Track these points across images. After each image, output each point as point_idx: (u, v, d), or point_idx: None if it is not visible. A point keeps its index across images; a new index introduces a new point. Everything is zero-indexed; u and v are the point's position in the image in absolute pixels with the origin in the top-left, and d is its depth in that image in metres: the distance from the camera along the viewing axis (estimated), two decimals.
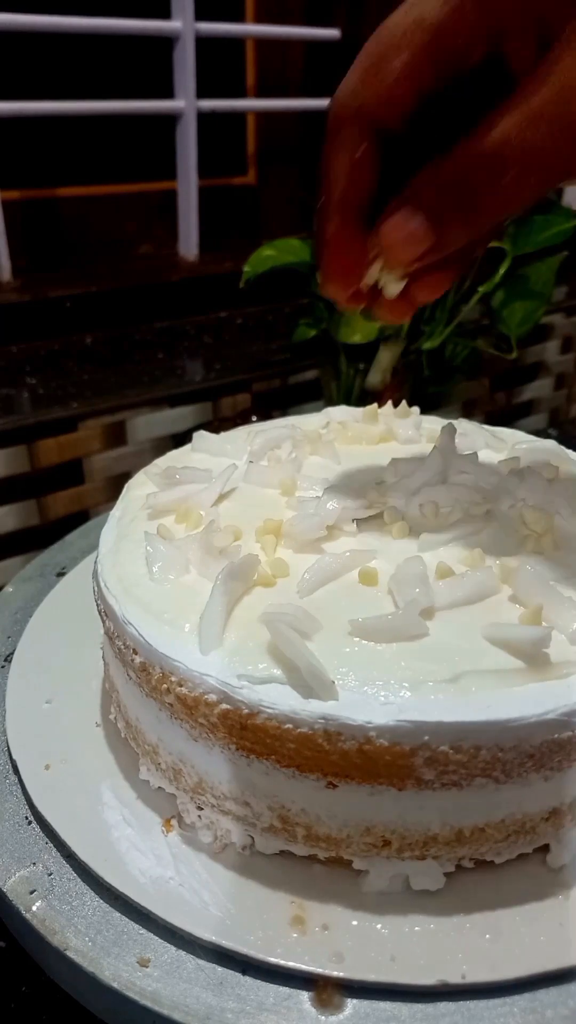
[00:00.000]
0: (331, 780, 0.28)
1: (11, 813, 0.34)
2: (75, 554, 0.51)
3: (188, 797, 0.32)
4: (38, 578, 0.49)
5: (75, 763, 0.36)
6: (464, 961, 0.28)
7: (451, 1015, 0.27)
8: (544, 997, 0.27)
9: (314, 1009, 0.27)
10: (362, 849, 0.30)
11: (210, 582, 0.32)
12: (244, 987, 0.28)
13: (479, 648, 0.29)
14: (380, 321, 0.32)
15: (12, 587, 0.48)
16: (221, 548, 0.34)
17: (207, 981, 0.28)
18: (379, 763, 0.27)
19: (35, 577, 0.49)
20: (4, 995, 0.36)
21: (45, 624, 0.44)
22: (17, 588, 0.48)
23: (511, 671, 0.28)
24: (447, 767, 0.27)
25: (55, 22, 0.82)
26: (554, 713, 0.27)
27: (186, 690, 0.29)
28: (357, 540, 0.36)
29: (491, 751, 0.27)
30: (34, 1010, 0.36)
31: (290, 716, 0.27)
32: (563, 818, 0.31)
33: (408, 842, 0.29)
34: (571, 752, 0.29)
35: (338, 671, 0.28)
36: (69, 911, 0.30)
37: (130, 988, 0.27)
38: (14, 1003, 0.36)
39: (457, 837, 0.29)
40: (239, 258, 0.88)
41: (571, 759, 0.29)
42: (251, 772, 0.29)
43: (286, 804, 0.29)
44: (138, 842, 0.32)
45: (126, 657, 0.32)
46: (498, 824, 0.29)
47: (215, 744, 0.30)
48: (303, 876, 0.31)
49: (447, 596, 0.31)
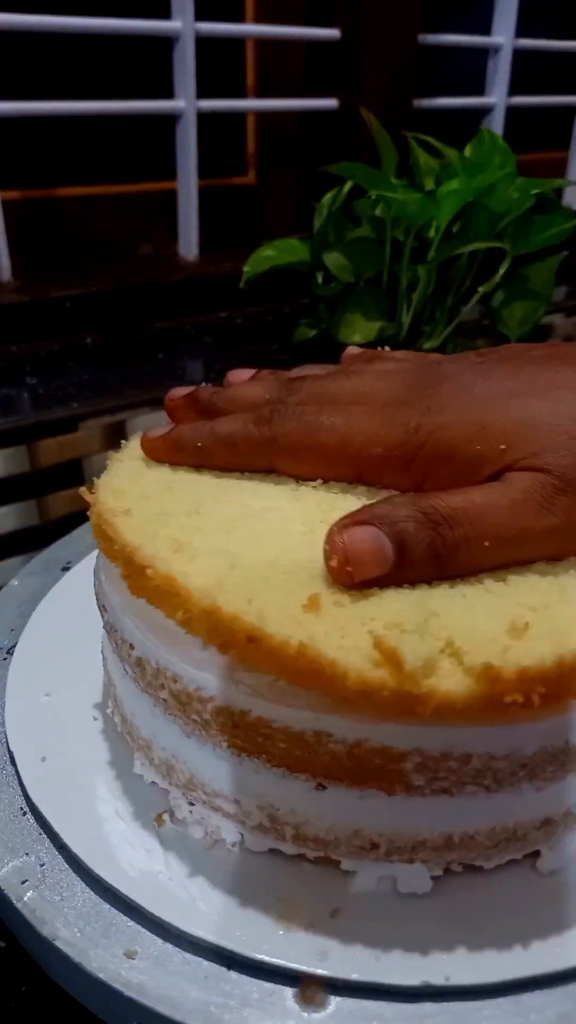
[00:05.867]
0: (320, 782, 0.28)
1: (6, 804, 0.35)
2: (82, 548, 0.51)
3: (180, 793, 0.32)
4: (43, 572, 0.49)
5: (71, 756, 0.36)
6: (449, 963, 0.28)
7: (435, 1016, 0.27)
8: (529, 1000, 0.27)
9: (298, 1006, 0.27)
10: (350, 851, 0.30)
11: None
12: (229, 982, 0.28)
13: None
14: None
15: (17, 581, 0.49)
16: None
17: (193, 975, 0.28)
18: (369, 766, 0.27)
19: (40, 571, 0.49)
20: (4, 995, 0.36)
21: (48, 618, 0.45)
22: (22, 582, 0.48)
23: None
24: (438, 774, 0.27)
25: (55, 22, 0.82)
26: (548, 722, 0.27)
27: (180, 686, 0.29)
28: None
29: (483, 759, 0.27)
30: (34, 1010, 0.36)
31: (282, 714, 0.27)
32: (556, 827, 0.31)
33: (396, 846, 0.29)
34: (565, 763, 0.28)
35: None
36: (59, 902, 0.30)
37: (116, 979, 0.27)
38: (14, 1003, 0.36)
39: (446, 843, 0.29)
40: (239, 258, 0.88)
41: (565, 770, 0.29)
42: (242, 770, 0.29)
43: (275, 803, 0.30)
44: (130, 835, 0.32)
45: (123, 651, 0.32)
46: (488, 832, 0.29)
47: (208, 741, 0.30)
48: (291, 874, 0.31)
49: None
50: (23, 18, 0.80)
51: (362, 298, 0.84)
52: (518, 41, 1.18)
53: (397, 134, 0.86)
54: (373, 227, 0.83)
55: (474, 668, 0.25)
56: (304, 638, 0.26)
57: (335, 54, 1.01)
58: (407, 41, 1.03)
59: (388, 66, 1.01)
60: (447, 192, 0.80)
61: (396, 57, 1.02)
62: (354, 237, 0.83)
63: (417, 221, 0.80)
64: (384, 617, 0.27)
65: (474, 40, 1.16)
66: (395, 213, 0.79)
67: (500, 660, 0.25)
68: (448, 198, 0.80)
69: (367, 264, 0.83)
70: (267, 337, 0.97)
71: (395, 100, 1.04)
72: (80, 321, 0.91)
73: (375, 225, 0.83)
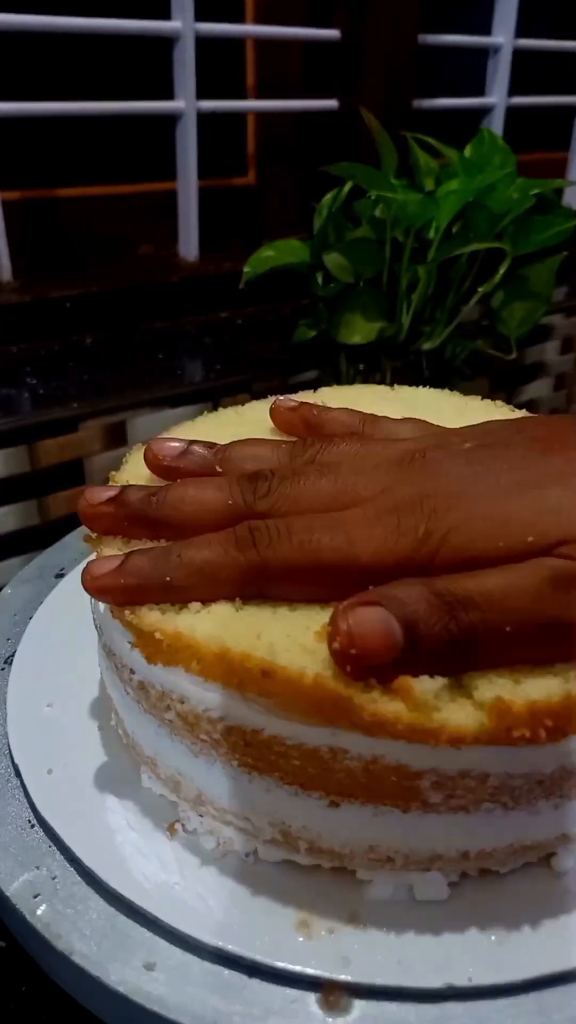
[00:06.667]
0: (334, 799, 0.28)
1: (14, 817, 0.34)
2: (75, 555, 0.51)
3: (189, 806, 0.32)
4: (37, 580, 0.49)
5: (77, 767, 0.35)
6: (470, 964, 0.28)
7: (459, 1017, 0.27)
8: (551, 998, 0.27)
9: (322, 1011, 0.27)
10: (366, 863, 0.30)
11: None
12: (251, 990, 0.28)
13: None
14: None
15: (11, 588, 0.48)
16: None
17: (213, 985, 0.28)
18: (385, 783, 0.27)
19: (34, 579, 0.49)
20: (4, 995, 0.36)
21: (45, 626, 0.44)
22: (16, 590, 0.48)
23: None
24: (455, 791, 0.27)
25: (55, 22, 0.82)
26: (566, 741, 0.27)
27: (188, 707, 0.29)
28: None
29: (500, 778, 0.27)
30: (34, 1010, 0.36)
31: (297, 731, 0.27)
32: (573, 840, 0.31)
33: (412, 860, 0.29)
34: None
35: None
36: (74, 915, 0.30)
37: (137, 992, 0.27)
38: (14, 1003, 0.36)
39: (463, 856, 0.29)
40: (239, 258, 0.88)
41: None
42: (253, 789, 0.29)
43: (287, 821, 0.29)
44: (142, 846, 0.32)
45: (123, 675, 0.32)
46: (506, 848, 0.30)
47: (216, 760, 0.30)
48: (307, 882, 0.31)
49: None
50: (23, 18, 0.80)
51: (362, 298, 0.84)
52: (518, 41, 1.18)
53: (397, 134, 0.86)
54: (373, 227, 0.83)
55: (485, 702, 0.25)
56: (319, 668, 0.26)
57: (335, 54, 1.01)
58: (407, 41, 1.02)
59: (388, 66, 1.01)
60: (447, 192, 0.80)
61: (396, 57, 1.02)
62: (354, 237, 0.83)
63: (417, 221, 0.80)
64: None
65: (474, 40, 1.16)
66: (395, 213, 0.79)
67: (511, 693, 0.25)
68: (448, 198, 0.80)
69: (367, 264, 0.83)
70: (267, 337, 0.97)
71: (395, 100, 1.03)
72: (80, 321, 0.91)
73: (375, 225, 0.83)
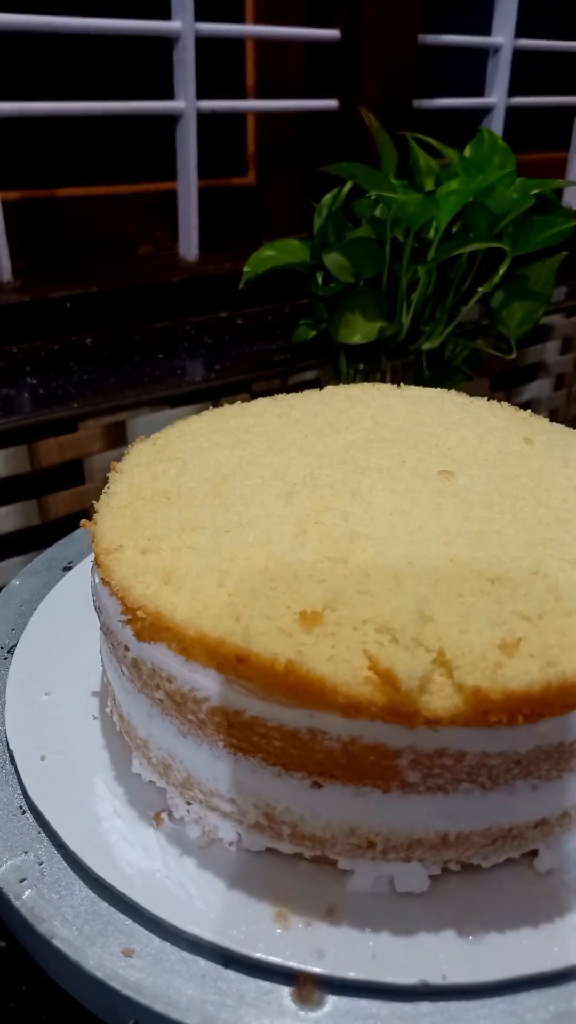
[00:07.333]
0: (316, 780, 0.28)
1: (6, 802, 0.35)
2: (83, 549, 0.51)
3: (177, 792, 0.32)
4: (44, 572, 0.49)
5: (70, 755, 0.36)
6: (445, 962, 0.28)
7: (431, 1015, 0.27)
8: (525, 1000, 0.27)
9: (294, 1004, 0.27)
10: (347, 849, 0.30)
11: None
12: (226, 980, 0.28)
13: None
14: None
15: (19, 580, 0.49)
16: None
17: (189, 973, 0.28)
18: (364, 763, 0.27)
19: (42, 571, 0.49)
20: (4, 995, 0.36)
21: (49, 618, 0.45)
22: (24, 581, 0.49)
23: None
24: (432, 770, 0.27)
25: (55, 22, 0.82)
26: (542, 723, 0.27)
27: (175, 686, 0.30)
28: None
29: (477, 756, 0.27)
30: (34, 1010, 0.36)
31: (276, 713, 0.27)
32: (552, 827, 0.31)
33: (393, 844, 0.29)
34: (560, 762, 0.29)
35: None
36: (58, 900, 0.30)
37: (113, 978, 0.27)
38: (14, 1003, 0.36)
39: (442, 841, 0.29)
40: (239, 258, 0.88)
41: (560, 769, 0.29)
42: (238, 769, 0.30)
43: (271, 802, 0.30)
44: (128, 834, 0.32)
45: (119, 652, 0.33)
46: (484, 831, 0.30)
47: (204, 740, 0.30)
48: (288, 873, 0.31)
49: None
50: (23, 18, 0.80)
51: (362, 298, 0.84)
52: (518, 41, 1.18)
53: (397, 134, 0.86)
54: (373, 227, 0.83)
55: (464, 686, 0.25)
56: (292, 653, 0.26)
57: (335, 54, 1.01)
58: (407, 41, 1.03)
59: (388, 66, 1.01)
60: (447, 192, 0.81)
61: (396, 57, 1.02)
62: (354, 237, 0.83)
63: (417, 221, 0.80)
64: (377, 620, 0.27)
65: (474, 40, 1.16)
66: (395, 213, 0.79)
67: (490, 681, 0.25)
68: (448, 198, 0.80)
69: (367, 264, 0.83)
70: (267, 337, 0.97)
71: (395, 100, 1.04)
72: (80, 321, 0.91)
73: (375, 225, 0.83)
